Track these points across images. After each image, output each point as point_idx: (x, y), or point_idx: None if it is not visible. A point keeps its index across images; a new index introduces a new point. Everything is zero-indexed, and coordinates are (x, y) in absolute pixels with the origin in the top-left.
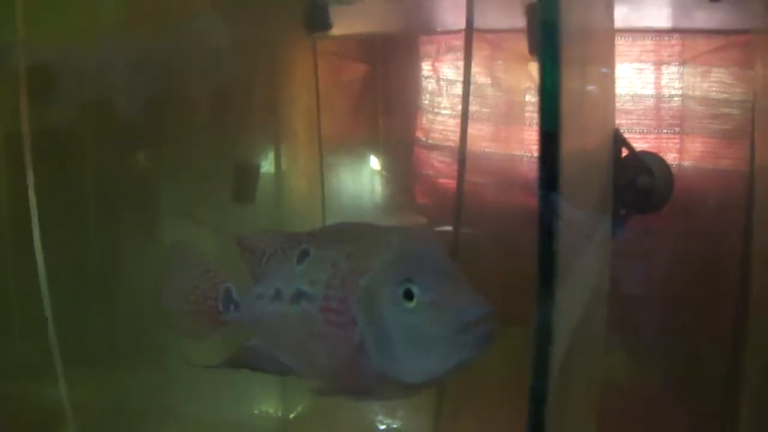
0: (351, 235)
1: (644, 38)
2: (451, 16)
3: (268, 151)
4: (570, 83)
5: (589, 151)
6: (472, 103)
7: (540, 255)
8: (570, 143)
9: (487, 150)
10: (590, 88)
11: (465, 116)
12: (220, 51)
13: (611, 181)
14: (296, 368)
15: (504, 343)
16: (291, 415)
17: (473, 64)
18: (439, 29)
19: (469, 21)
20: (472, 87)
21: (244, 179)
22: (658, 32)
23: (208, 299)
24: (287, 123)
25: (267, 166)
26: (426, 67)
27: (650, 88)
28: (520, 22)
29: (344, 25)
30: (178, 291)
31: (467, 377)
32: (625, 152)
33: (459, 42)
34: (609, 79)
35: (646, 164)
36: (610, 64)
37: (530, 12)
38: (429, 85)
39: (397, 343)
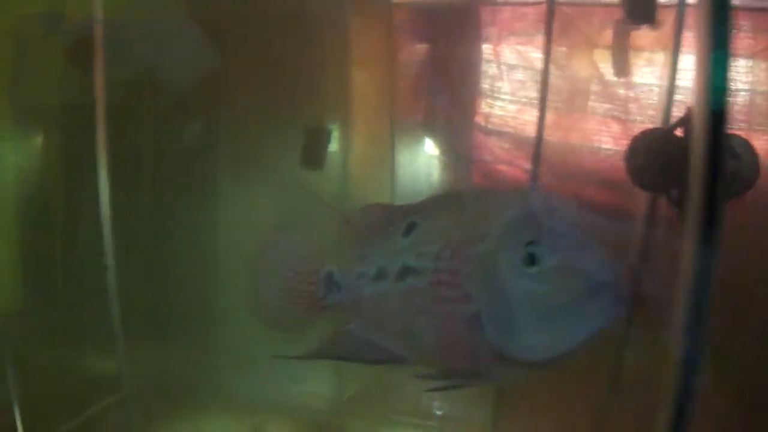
0: (463, 203)
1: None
2: None
3: (337, 117)
4: None
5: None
6: (530, 89)
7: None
8: None
9: (546, 138)
10: None
11: (543, 101)
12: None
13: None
14: (399, 354)
15: None
16: (345, 396)
17: (534, 50)
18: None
19: None
20: (531, 73)
21: (315, 143)
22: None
23: (309, 284)
24: (357, 87)
25: (334, 130)
26: (487, 51)
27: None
28: None
29: None
30: (276, 283)
31: None
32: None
33: (522, 24)
34: None
35: (733, 147)
36: None
37: None
38: (490, 69)
39: (518, 315)
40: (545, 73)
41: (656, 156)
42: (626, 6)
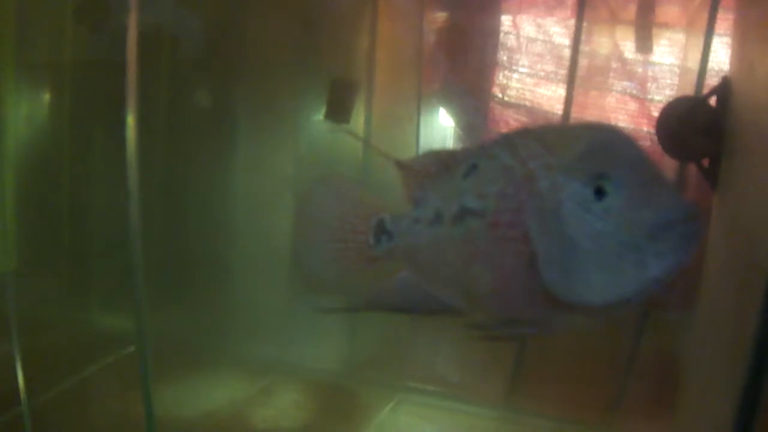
0: (529, 139)
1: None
2: None
3: (363, 71)
4: None
5: None
6: (547, 62)
7: None
8: None
9: (562, 113)
10: None
11: (573, 71)
12: None
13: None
14: (452, 303)
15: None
16: (358, 361)
17: (553, 25)
18: None
19: None
20: (549, 47)
21: (342, 96)
22: None
23: (358, 234)
24: (385, 47)
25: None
26: (506, 22)
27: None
28: None
29: None
30: (321, 235)
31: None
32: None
33: None
34: None
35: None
36: None
37: None
38: (508, 41)
39: (580, 254)
40: (575, 49)
41: (689, 124)
42: None
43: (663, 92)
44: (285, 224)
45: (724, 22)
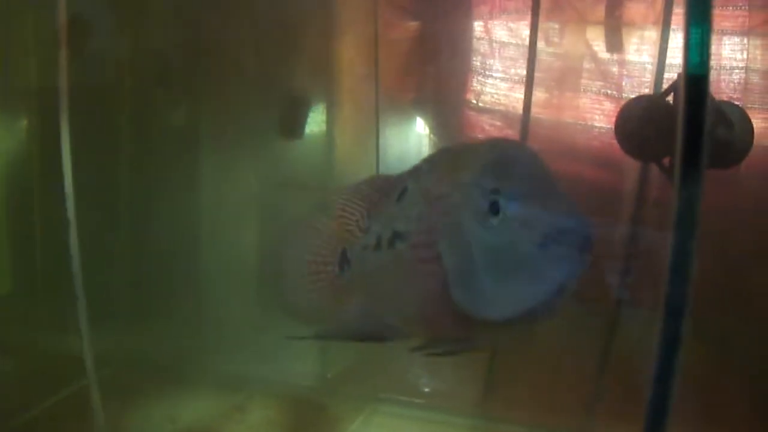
0: (444, 160)
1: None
2: None
3: (320, 86)
4: None
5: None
6: (522, 67)
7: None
8: None
9: (538, 116)
10: None
11: (531, 75)
12: None
13: None
14: (398, 327)
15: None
16: (330, 374)
17: (526, 27)
18: None
19: None
20: (522, 50)
21: (294, 113)
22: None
23: (327, 265)
24: (342, 58)
25: (318, 101)
26: (478, 28)
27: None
28: None
29: None
30: (299, 270)
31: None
32: None
33: (513, 3)
34: None
35: (726, 115)
36: None
37: None
38: (481, 46)
39: (481, 270)
40: (532, 48)
41: (646, 122)
42: None
43: (638, 90)
44: (252, 240)
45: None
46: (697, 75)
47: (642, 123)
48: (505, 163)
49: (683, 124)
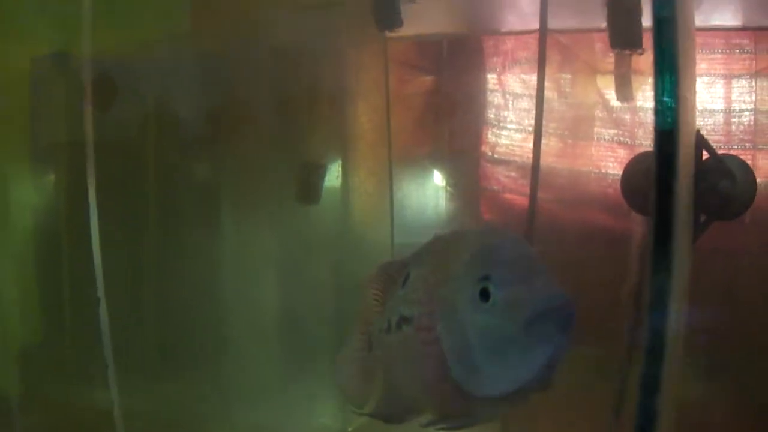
0: (440, 247)
1: (714, 51)
2: (520, 19)
3: (334, 151)
4: None
5: None
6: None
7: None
8: None
9: (553, 165)
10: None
11: (539, 124)
12: (287, 49)
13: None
14: (410, 404)
15: (573, 364)
16: (349, 429)
17: None
18: (508, 31)
19: (543, 20)
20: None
21: (310, 178)
22: (729, 45)
23: (360, 349)
24: (355, 123)
25: (333, 166)
26: (492, 81)
27: (720, 103)
28: (595, 21)
29: (414, 24)
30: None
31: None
32: (705, 155)
33: (525, 53)
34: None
35: (728, 168)
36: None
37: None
38: (495, 99)
39: (475, 351)
40: (540, 98)
41: (648, 179)
42: (610, 33)
43: (650, 137)
44: (272, 298)
45: (703, 63)
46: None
47: (646, 178)
48: (491, 251)
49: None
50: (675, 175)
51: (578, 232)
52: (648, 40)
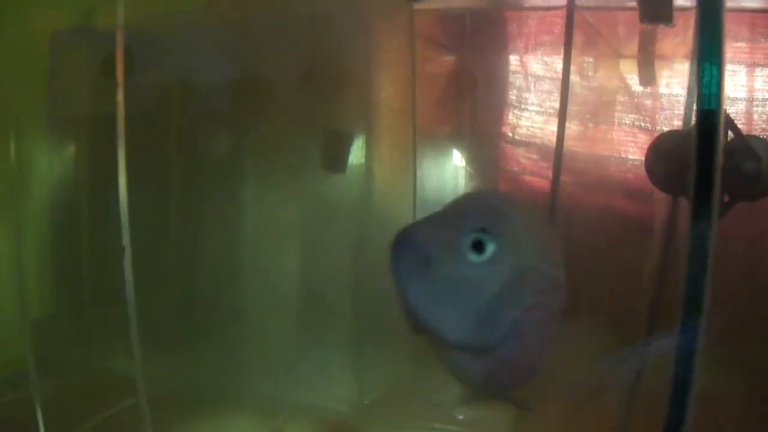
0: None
1: (738, 39)
2: None
3: (360, 121)
4: None
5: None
6: (556, 100)
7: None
8: None
9: (573, 149)
10: None
11: (564, 105)
12: (313, 19)
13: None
14: None
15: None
16: (366, 400)
17: (561, 61)
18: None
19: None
20: (557, 84)
21: (336, 147)
22: (753, 33)
23: None
24: (380, 94)
25: (359, 136)
26: (514, 62)
27: (742, 91)
28: None
29: None
30: None
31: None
32: (731, 136)
33: (548, 37)
34: None
35: (753, 149)
36: None
37: None
38: (517, 80)
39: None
40: (565, 82)
41: (676, 157)
42: (640, 6)
43: (671, 123)
44: (293, 269)
45: (727, 50)
46: (708, 110)
47: (671, 157)
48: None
49: (695, 159)
50: (715, 159)
51: (598, 215)
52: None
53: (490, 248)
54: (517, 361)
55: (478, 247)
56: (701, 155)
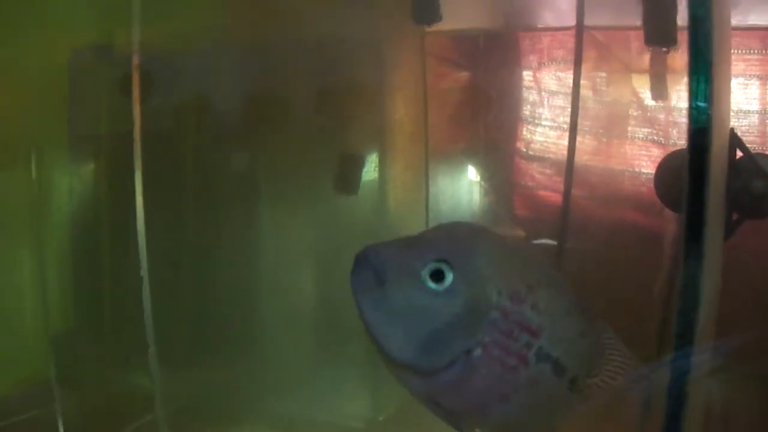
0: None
1: (751, 51)
2: (556, 16)
3: (372, 143)
4: None
5: None
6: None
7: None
8: None
9: (587, 163)
10: None
11: (574, 122)
12: (326, 41)
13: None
14: None
15: None
16: (380, 417)
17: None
18: (544, 27)
19: (580, 17)
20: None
21: (349, 169)
22: (766, 45)
23: None
24: (393, 116)
25: (371, 158)
26: (527, 78)
27: (755, 104)
28: (631, 19)
29: (451, 19)
30: None
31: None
32: (739, 154)
33: (561, 52)
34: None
35: (761, 167)
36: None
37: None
38: (530, 95)
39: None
40: (575, 96)
41: (678, 176)
42: (645, 31)
43: (684, 136)
44: (307, 287)
45: (741, 63)
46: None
47: (678, 176)
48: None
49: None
50: (707, 173)
51: (611, 229)
52: (684, 39)
53: (448, 278)
54: (463, 390)
55: (437, 275)
56: (692, 171)
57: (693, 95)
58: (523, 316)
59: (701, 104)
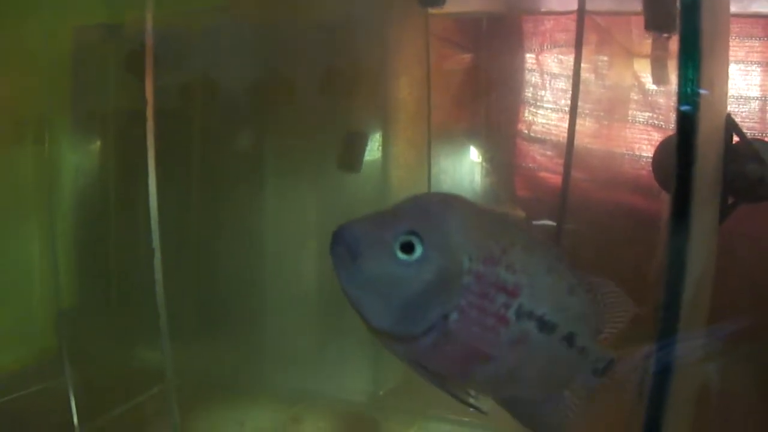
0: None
1: (752, 38)
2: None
3: (376, 122)
4: None
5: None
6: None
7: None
8: None
9: (588, 146)
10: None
11: (574, 105)
12: (332, 23)
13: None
14: None
15: None
16: (382, 390)
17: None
18: (547, 11)
19: (582, 2)
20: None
21: (352, 147)
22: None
23: None
24: (396, 95)
25: (375, 137)
26: (530, 60)
27: (756, 90)
28: (632, 4)
29: (455, 2)
30: None
31: None
32: (735, 139)
33: (564, 36)
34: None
35: (757, 151)
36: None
37: None
38: (532, 78)
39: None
40: (576, 80)
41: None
42: (646, 16)
43: None
44: (311, 264)
45: (740, 50)
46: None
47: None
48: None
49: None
50: (693, 155)
51: (611, 212)
52: None
53: (418, 249)
54: (445, 353)
55: (408, 247)
56: (680, 152)
57: (681, 79)
58: (498, 278)
59: (689, 89)
